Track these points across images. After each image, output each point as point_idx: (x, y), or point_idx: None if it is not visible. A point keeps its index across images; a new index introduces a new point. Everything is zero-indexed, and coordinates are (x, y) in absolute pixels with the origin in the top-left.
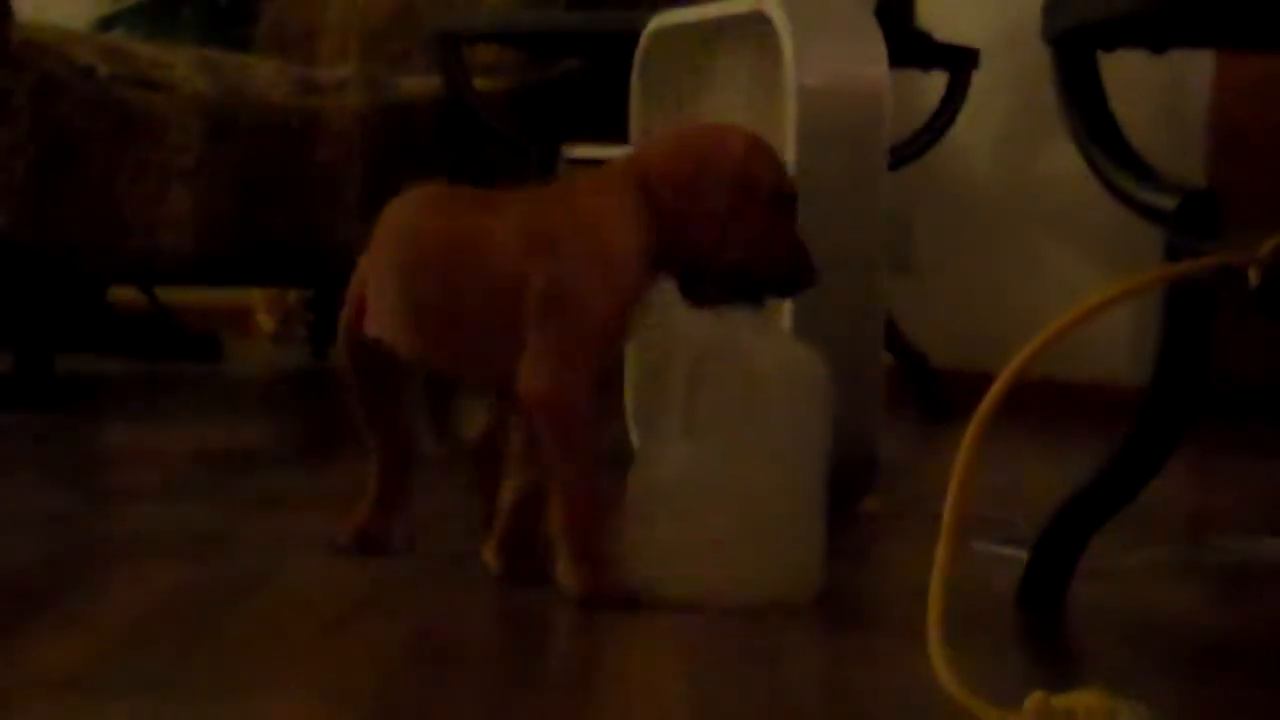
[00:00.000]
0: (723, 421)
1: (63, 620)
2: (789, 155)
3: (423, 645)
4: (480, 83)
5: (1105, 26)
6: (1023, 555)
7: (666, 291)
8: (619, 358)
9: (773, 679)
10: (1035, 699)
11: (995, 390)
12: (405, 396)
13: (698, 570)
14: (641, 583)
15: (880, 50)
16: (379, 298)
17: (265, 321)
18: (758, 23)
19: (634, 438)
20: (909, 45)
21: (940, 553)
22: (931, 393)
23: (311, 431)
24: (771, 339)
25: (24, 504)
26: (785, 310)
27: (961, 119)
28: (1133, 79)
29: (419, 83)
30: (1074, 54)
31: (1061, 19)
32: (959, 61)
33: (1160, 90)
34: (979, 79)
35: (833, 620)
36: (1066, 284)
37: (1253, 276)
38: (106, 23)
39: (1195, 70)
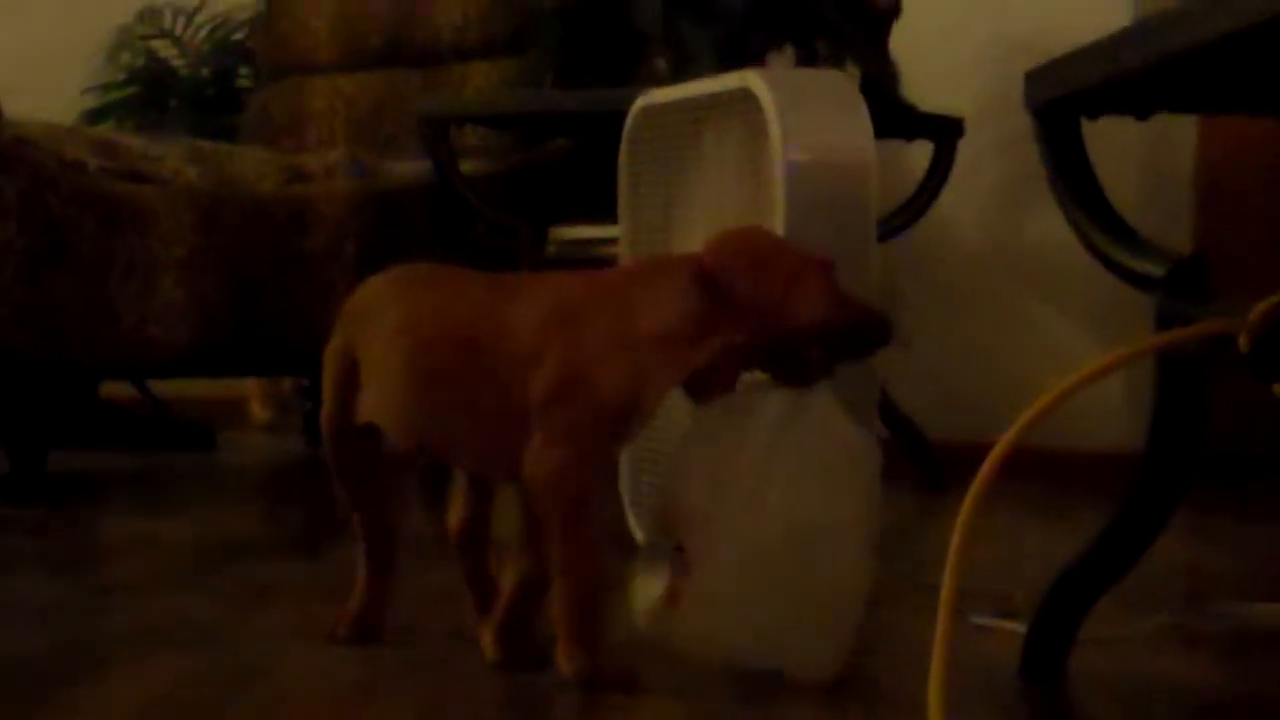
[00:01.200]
0: (793, 497)
1: (65, 713)
2: (777, 230)
3: None
4: (468, 165)
5: (1088, 94)
6: (1021, 628)
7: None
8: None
9: None
10: None
11: (990, 462)
12: (393, 483)
13: (742, 635)
14: (689, 636)
15: (865, 124)
16: (373, 381)
17: (259, 411)
18: (744, 100)
19: (631, 521)
20: (894, 116)
21: (940, 626)
22: (927, 464)
23: (307, 521)
24: (834, 418)
25: (23, 596)
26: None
27: (948, 189)
28: (1118, 144)
29: (407, 167)
30: (1058, 122)
31: (1044, 88)
32: (944, 131)
33: (1145, 155)
34: (965, 148)
35: (833, 695)
36: (1059, 352)
37: (1243, 343)
38: (95, 115)
39: (1180, 135)
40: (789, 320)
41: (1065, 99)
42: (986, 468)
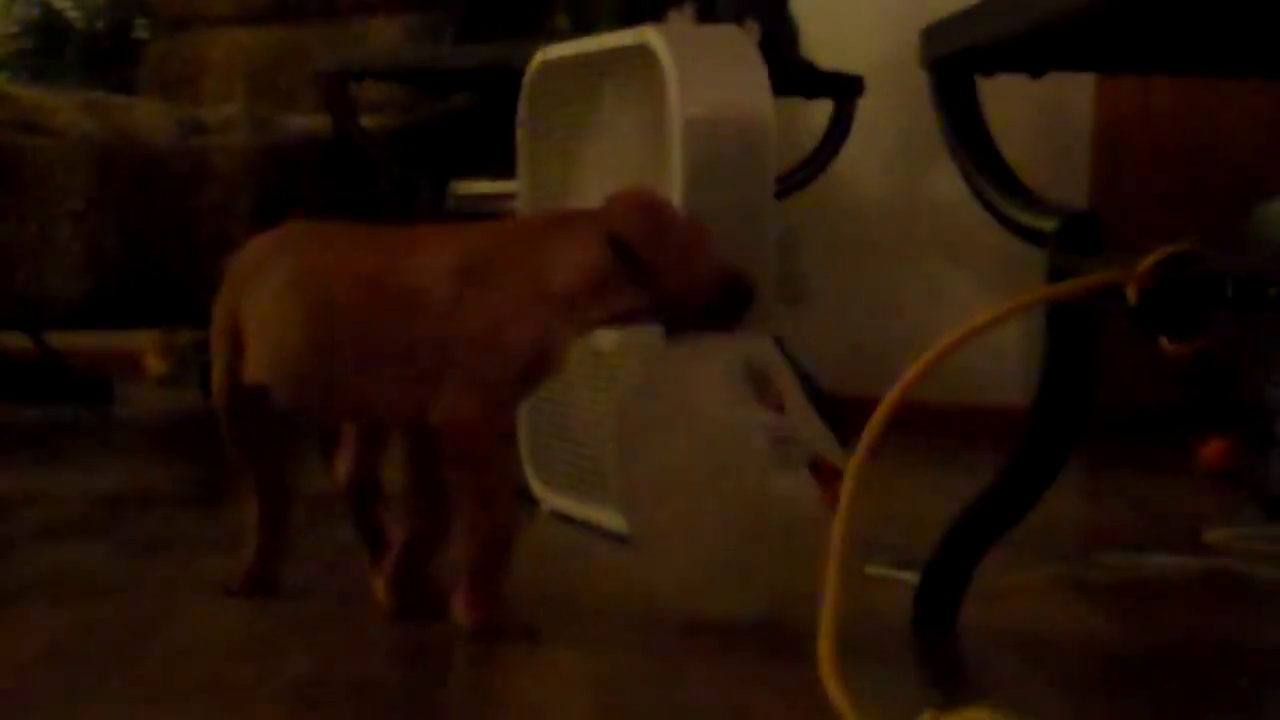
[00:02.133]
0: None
1: None
2: (676, 186)
3: (322, 684)
4: (368, 120)
5: (981, 52)
6: (915, 578)
7: None
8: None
9: (676, 705)
10: (926, 717)
11: (880, 413)
12: (284, 436)
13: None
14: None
15: (764, 80)
16: (261, 340)
17: (155, 364)
18: (642, 55)
19: (529, 476)
20: (794, 74)
21: (829, 576)
22: (827, 419)
23: (204, 474)
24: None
25: None
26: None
27: (848, 146)
28: (1018, 103)
29: (306, 121)
30: (952, 79)
31: (939, 44)
32: (844, 89)
33: (1045, 114)
34: (864, 106)
35: (733, 646)
36: (957, 307)
37: (1130, 295)
38: None
39: (1079, 94)
40: (684, 285)
41: (959, 55)
42: (876, 418)
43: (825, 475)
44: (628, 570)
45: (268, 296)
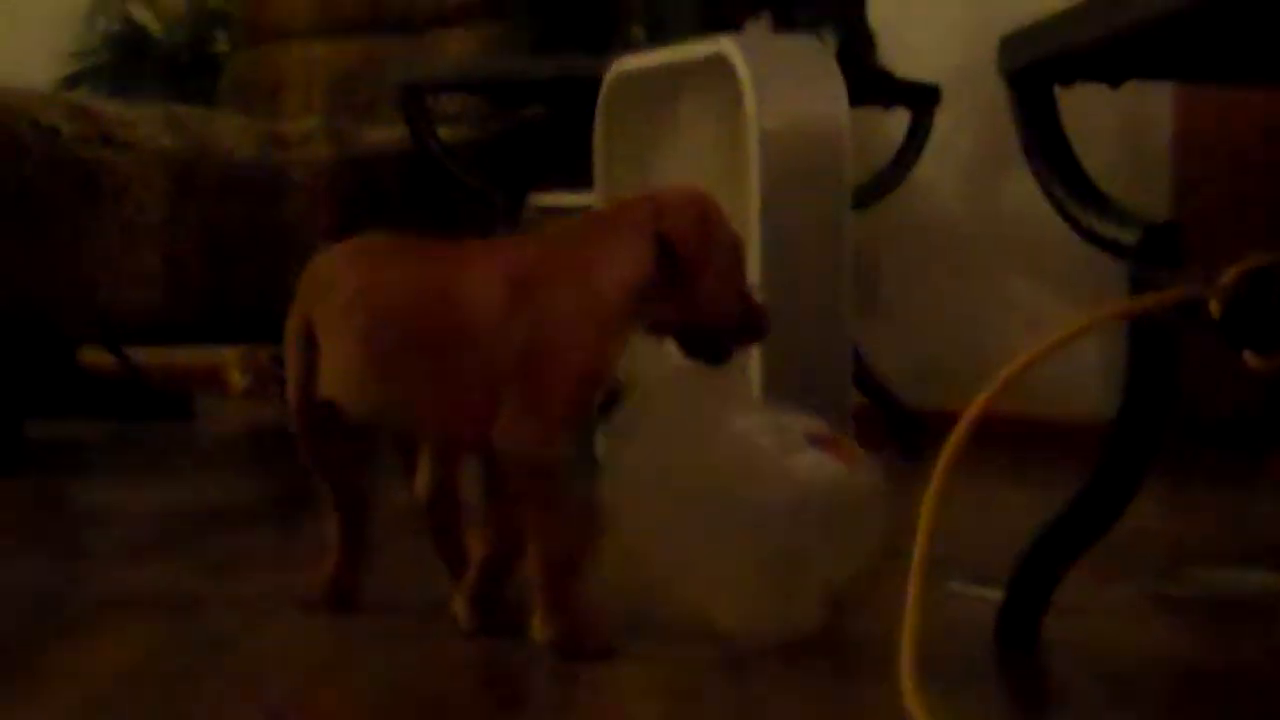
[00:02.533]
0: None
1: (40, 683)
2: (753, 198)
3: (400, 700)
4: (445, 132)
5: (1061, 61)
6: (997, 594)
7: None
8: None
9: None
10: None
11: (961, 428)
12: (361, 450)
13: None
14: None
15: (840, 90)
16: (330, 354)
17: (237, 379)
18: (719, 66)
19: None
20: (871, 84)
21: (911, 594)
22: (904, 432)
23: (285, 488)
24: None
25: None
26: (755, 350)
27: (926, 156)
28: (1097, 113)
29: (384, 134)
30: (1031, 89)
31: (1018, 54)
32: (921, 99)
33: (1125, 123)
34: (942, 116)
35: (811, 665)
36: (1035, 319)
37: (1214, 308)
38: (71, 81)
39: (1159, 103)
40: (716, 302)
41: (1038, 65)
42: (957, 433)
43: (828, 445)
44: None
45: (335, 309)
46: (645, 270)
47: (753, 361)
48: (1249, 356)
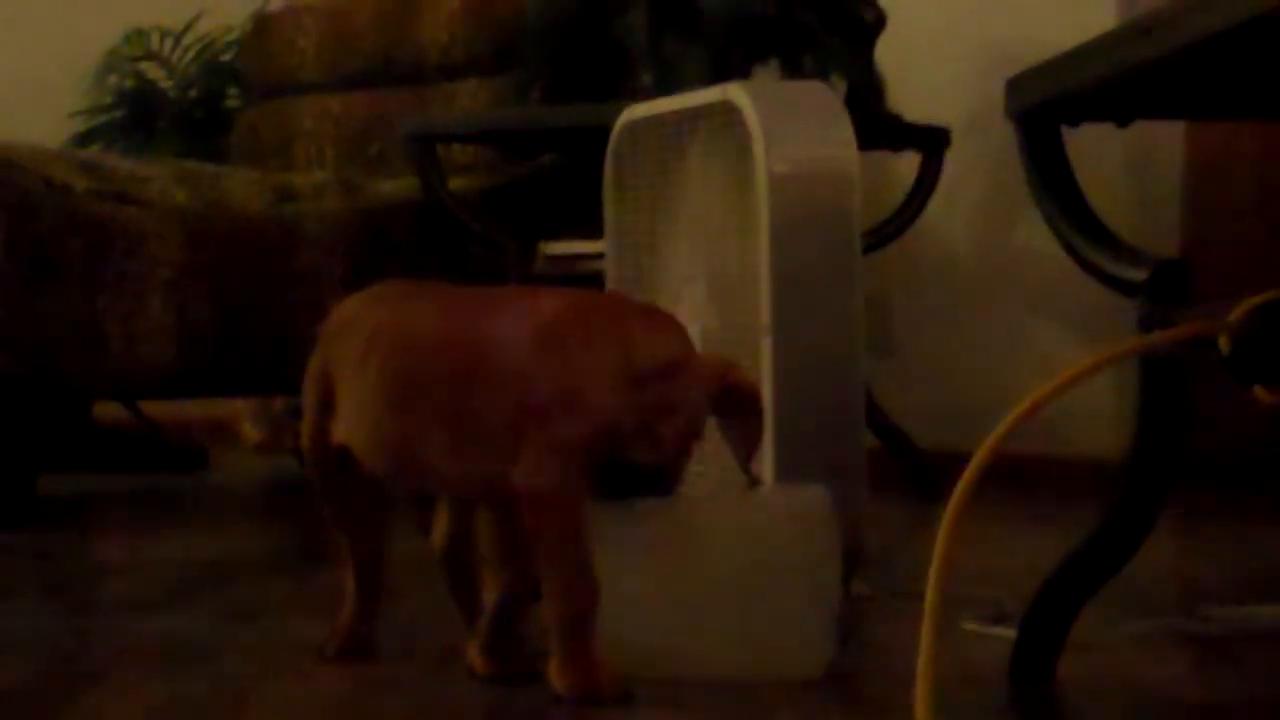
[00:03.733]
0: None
1: None
2: (763, 242)
3: None
4: (456, 182)
5: (1067, 101)
6: (1012, 633)
7: None
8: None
9: None
10: None
11: (973, 466)
12: (378, 501)
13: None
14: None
15: (849, 134)
16: (347, 402)
17: (250, 432)
18: (727, 112)
19: None
20: (880, 128)
21: (925, 632)
22: (918, 473)
23: (299, 540)
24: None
25: (14, 620)
26: (767, 394)
27: (936, 199)
28: (1105, 151)
29: (395, 185)
30: (1039, 129)
31: (1025, 95)
32: (931, 142)
33: (1134, 162)
34: (952, 158)
35: (824, 705)
36: (1048, 360)
37: (1223, 345)
38: (84, 138)
39: (1168, 141)
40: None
41: (1045, 106)
42: (968, 473)
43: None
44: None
45: (353, 356)
46: (673, 371)
47: (765, 407)
48: (1259, 392)
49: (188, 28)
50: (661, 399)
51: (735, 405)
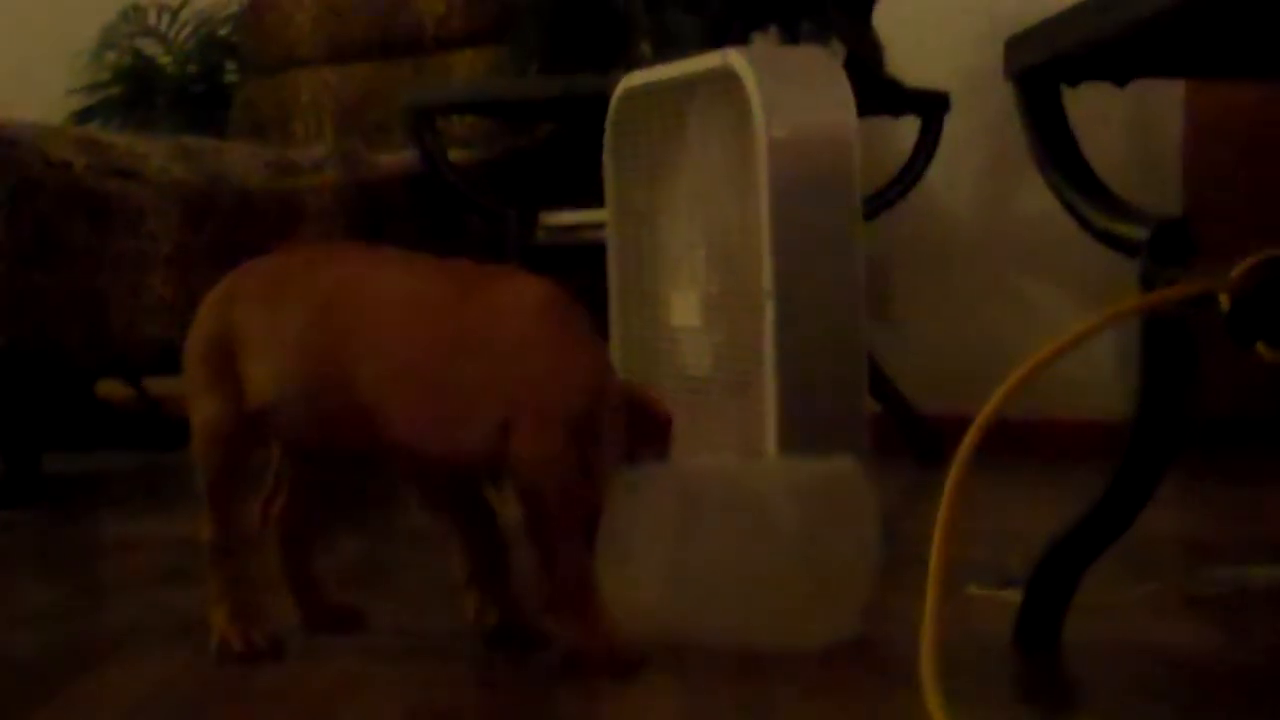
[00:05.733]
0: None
1: (63, 711)
2: (763, 208)
3: (419, 717)
4: (455, 154)
5: (1066, 61)
6: (1017, 597)
7: None
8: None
9: None
10: None
11: (974, 429)
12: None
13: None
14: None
15: (848, 99)
16: (280, 367)
17: None
18: (726, 79)
19: None
20: (879, 93)
21: (930, 597)
22: (921, 438)
23: None
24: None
25: (22, 597)
26: (769, 359)
27: (936, 163)
28: (1105, 111)
29: (394, 157)
30: (1037, 90)
31: (1023, 55)
32: (930, 107)
33: (1135, 120)
34: (952, 123)
35: (830, 670)
36: (1050, 322)
37: (1224, 302)
38: (82, 115)
39: (1168, 101)
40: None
41: (1044, 66)
42: (970, 435)
43: None
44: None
45: (287, 319)
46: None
47: (767, 372)
48: (1261, 349)
49: (184, 3)
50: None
51: (646, 431)
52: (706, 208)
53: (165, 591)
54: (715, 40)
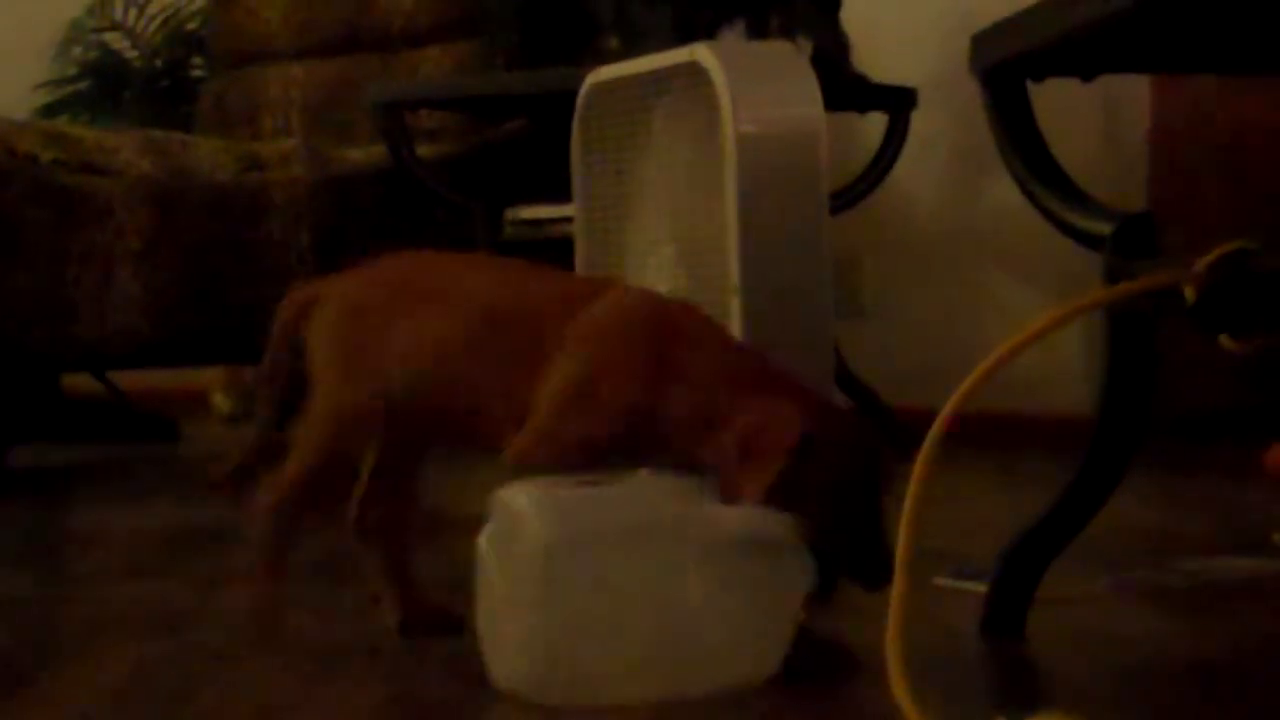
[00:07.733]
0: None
1: (33, 702)
2: (731, 202)
3: (400, 708)
4: (423, 149)
5: (1032, 57)
6: (983, 588)
7: None
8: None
9: None
10: None
11: (939, 422)
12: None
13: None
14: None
15: (815, 94)
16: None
17: (221, 402)
18: (694, 73)
19: None
20: (846, 88)
21: (895, 588)
22: (888, 432)
23: None
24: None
25: None
26: None
27: (903, 159)
28: (1071, 107)
29: (362, 152)
30: (1004, 86)
31: (988, 52)
32: (897, 102)
33: (1101, 115)
34: (919, 119)
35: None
36: (1017, 318)
37: (1189, 295)
38: (49, 110)
39: (1134, 96)
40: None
41: (1009, 62)
42: (935, 426)
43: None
44: None
45: (407, 312)
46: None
47: None
48: (1224, 340)
49: None
50: None
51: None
52: (674, 202)
53: (131, 585)
54: (683, 35)
